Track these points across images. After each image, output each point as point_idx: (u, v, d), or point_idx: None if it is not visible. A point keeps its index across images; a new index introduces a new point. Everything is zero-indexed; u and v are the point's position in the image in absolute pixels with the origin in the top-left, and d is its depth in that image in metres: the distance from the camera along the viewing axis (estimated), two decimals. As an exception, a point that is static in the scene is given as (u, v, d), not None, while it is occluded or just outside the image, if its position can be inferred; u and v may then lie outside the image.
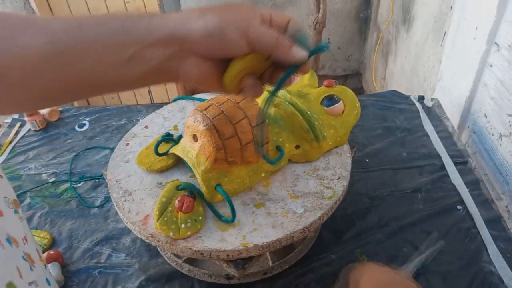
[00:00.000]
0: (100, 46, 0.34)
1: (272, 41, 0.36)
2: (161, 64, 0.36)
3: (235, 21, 0.35)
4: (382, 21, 1.95)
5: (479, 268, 0.60)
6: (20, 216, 0.34)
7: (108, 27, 0.35)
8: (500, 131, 0.81)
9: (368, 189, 0.74)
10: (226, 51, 0.37)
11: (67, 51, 0.34)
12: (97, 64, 0.35)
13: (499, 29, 0.80)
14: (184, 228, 0.50)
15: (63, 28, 0.34)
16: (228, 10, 0.36)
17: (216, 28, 0.35)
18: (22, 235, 0.32)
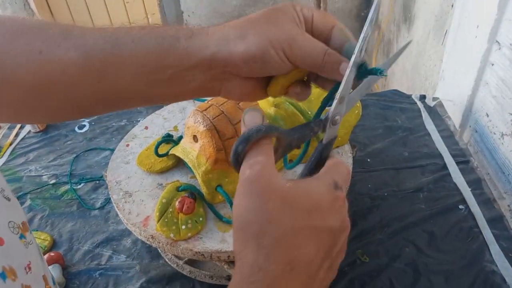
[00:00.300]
0: (138, 66, 0.34)
1: (319, 59, 0.33)
2: (202, 85, 0.35)
3: (278, 41, 0.33)
4: (383, 20, 1.94)
5: (481, 268, 0.60)
6: (27, 241, 0.33)
7: (145, 46, 0.34)
8: (502, 130, 0.81)
9: (369, 189, 0.74)
10: (269, 72, 0.35)
11: (103, 67, 0.33)
12: (133, 82, 0.34)
13: (500, 28, 0.80)
14: (184, 229, 0.50)
15: (99, 43, 0.33)
16: (269, 24, 0.33)
17: (259, 50, 0.33)
18: (26, 263, 0.31)
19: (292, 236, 0.26)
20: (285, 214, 0.26)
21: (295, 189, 0.27)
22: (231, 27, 0.34)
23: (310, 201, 0.27)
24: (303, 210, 0.27)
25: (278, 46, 0.33)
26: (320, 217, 0.27)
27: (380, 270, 0.61)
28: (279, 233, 0.26)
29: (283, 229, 0.26)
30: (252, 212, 0.26)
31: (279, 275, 0.25)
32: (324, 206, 0.28)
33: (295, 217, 0.26)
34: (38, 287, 0.32)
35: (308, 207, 0.27)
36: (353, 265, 0.62)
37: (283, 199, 0.26)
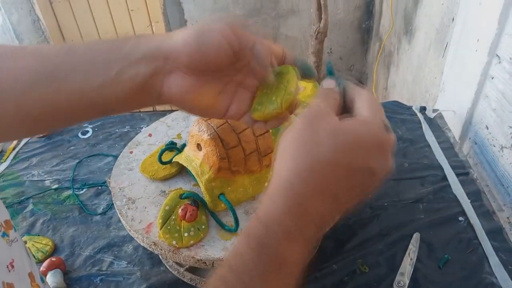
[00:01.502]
0: (88, 64, 0.35)
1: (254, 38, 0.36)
2: (146, 81, 0.35)
3: (216, 27, 0.35)
4: (384, 31, 1.96)
5: (481, 279, 0.60)
6: (10, 239, 0.34)
7: (96, 48, 0.36)
8: (501, 143, 0.82)
9: (370, 199, 0.75)
10: (207, 57, 0.35)
11: (56, 70, 0.34)
12: (85, 82, 0.35)
13: (500, 42, 0.81)
14: (187, 236, 0.51)
15: (53, 51, 0.35)
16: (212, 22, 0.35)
17: (196, 33, 0.34)
18: (8, 262, 0.32)
19: (331, 166, 0.27)
20: (332, 143, 0.27)
21: (349, 125, 0.29)
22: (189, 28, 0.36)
23: (355, 139, 0.28)
24: (344, 147, 0.28)
25: (216, 28, 0.34)
26: (361, 156, 0.28)
27: (380, 280, 0.61)
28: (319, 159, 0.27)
29: (326, 157, 0.27)
30: (302, 134, 0.28)
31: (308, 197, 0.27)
32: (369, 146, 0.28)
33: (341, 150, 0.27)
34: (23, 284, 0.32)
35: (351, 144, 0.28)
36: (353, 274, 0.62)
37: (335, 129, 0.28)
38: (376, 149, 0.29)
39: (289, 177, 0.28)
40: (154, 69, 0.35)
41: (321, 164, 0.27)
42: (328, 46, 2.34)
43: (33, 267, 0.39)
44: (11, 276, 0.32)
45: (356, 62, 2.44)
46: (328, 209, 0.28)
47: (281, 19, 2.30)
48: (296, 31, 2.34)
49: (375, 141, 0.29)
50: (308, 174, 0.27)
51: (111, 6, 2.40)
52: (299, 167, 0.28)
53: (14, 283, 0.32)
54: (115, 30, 2.50)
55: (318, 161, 0.27)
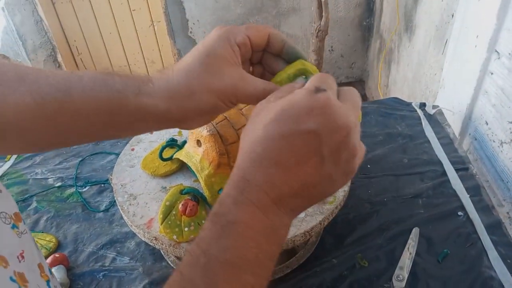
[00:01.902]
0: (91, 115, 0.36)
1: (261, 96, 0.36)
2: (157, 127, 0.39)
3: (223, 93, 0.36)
4: (385, 29, 1.96)
5: (480, 273, 0.60)
6: (19, 231, 0.35)
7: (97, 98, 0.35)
8: (501, 138, 0.82)
9: (369, 195, 0.75)
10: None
11: (57, 114, 0.35)
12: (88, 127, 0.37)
13: (499, 37, 0.82)
14: (187, 231, 0.51)
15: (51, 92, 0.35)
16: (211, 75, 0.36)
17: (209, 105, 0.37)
18: (18, 252, 0.33)
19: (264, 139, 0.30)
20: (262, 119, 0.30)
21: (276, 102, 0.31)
22: (176, 80, 0.36)
23: (282, 109, 0.30)
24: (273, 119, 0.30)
25: (225, 98, 0.36)
26: (291, 121, 0.29)
27: (379, 274, 0.62)
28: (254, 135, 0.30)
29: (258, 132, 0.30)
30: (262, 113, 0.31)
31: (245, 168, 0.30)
32: (300, 111, 0.29)
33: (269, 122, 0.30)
34: (33, 274, 0.33)
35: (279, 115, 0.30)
36: (352, 269, 0.63)
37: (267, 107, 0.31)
38: (307, 111, 0.29)
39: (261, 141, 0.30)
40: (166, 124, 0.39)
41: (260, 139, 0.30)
42: (329, 44, 2.34)
43: (42, 259, 0.40)
44: (22, 266, 0.33)
45: (357, 60, 2.44)
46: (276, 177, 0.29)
47: (282, 17, 2.30)
48: (297, 29, 2.34)
49: (303, 105, 0.29)
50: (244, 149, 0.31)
51: (113, 6, 2.41)
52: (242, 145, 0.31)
53: (25, 273, 0.33)
54: (117, 30, 2.51)
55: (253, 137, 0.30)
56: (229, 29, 0.37)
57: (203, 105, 0.36)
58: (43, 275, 0.34)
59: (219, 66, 0.36)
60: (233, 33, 0.36)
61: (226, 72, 0.36)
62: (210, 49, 0.36)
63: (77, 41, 2.56)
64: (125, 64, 2.66)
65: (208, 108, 0.37)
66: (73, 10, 2.42)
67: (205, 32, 2.39)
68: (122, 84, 0.36)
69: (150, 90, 0.36)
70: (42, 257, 0.39)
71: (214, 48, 0.36)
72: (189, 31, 2.40)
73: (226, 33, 0.36)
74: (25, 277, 0.31)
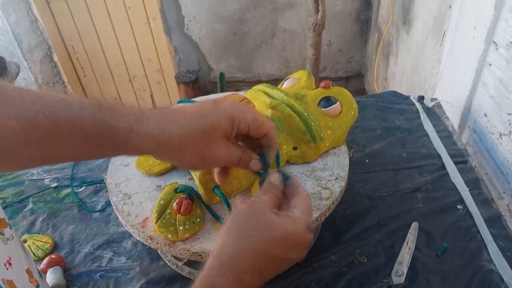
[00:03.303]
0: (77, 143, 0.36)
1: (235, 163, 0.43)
2: None
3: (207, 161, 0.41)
4: (383, 22, 1.95)
5: (479, 267, 0.60)
6: (5, 237, 0.34)
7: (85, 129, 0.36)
8: (500, 130, 0.81)
9: (368, 190, 0.74)
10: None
11: (43, 139, 0.35)
12: (74, 152, 0.37)
13: (497, 28, 0.81)
14: (182, 230, 0.51)
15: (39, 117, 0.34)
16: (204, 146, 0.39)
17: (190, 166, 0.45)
18: (5, 260, 0.32)
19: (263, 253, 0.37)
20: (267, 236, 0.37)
21: (278, 222, 0.38)
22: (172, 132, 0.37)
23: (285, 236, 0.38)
24: (273, 239, 0.37)
25: (206, 164, 0.42)
26: (286, 249, 0.38)
27: (378, 270, 0.61)
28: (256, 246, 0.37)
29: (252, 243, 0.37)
30: (243, 222, 0.38)
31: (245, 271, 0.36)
32: (293, 243, 0.38)
33: (272, 243, 0.37)
34: (21, 281, 0.32)
35: (281, 240, 0.37)
36: (351, 265, 0.62)
37: (272, 224, 0.38)
38: (297, 245, 0.39)
39: (232, 255, 0.36)
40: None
41: (257, 250, 0.37)
42: (327, 38, 2.33)
43: (30, 264, 0.40)
44: (10, 273, 0.32)
45: (356, 54, 2.42)
46: (257, 281, 0.38)
47: (278, 12, 2.29)
48: (294, 24, 2.32)
49: (298, 240, 0.39)
50: (246, 255, 0.36)
51: (108, 4, 2.39)
52: (241, 247, 0.37)
53: (14, 280, 0.32)
54: (113, 28, 2.50)
55: (255, 247, 0.37)
56: (240, 112, 0.40)
57: (186, 162, 0.40)
58: (32, 281, 0.33)
59: (215, 138, 0.40)
60: (240, 118, 0.40)
61: (218, 145, 0.40)
62: (216, 121, 0.39)
63: (73, 40, 2.55)
64: (121, 62, 2.65)
65: (190, 165, 0.43)
66: (68, 9, 2.41)
67: (201, 29, 2.38)
68: (113, 120, 0.36)
69: (142, 131, 0.37)
70: (31, 262, 0.38)
71: (219, 122, 0.39)
72: (185, 28, 2.39)
73: (236, 113, 0.40)
74: (14, 284, 0.31)
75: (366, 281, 0.60)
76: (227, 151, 0.42)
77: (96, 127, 0.36)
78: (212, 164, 0.44)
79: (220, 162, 0.43)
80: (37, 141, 0.35)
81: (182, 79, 2.49)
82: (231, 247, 0.37)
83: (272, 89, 0.65)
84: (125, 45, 2.57)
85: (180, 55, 2.51)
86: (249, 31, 2.38)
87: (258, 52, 2.48)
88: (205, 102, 0.40)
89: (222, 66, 2.55)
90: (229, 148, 0.42)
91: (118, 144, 0.37)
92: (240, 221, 0.38)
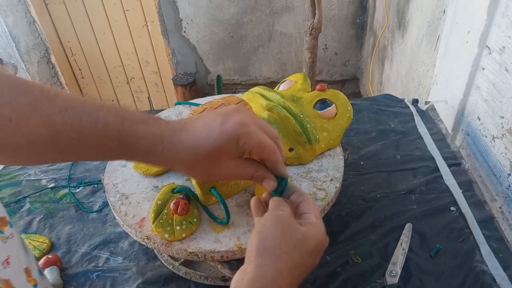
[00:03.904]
0: (100, 153, 0.39)
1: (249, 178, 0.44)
2: None
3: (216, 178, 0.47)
4: (378, 26, 1.97)
5: (472, 268, 0.61)
6: (5, 236, 0.35)
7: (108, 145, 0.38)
8: (493, 133, 0.82)
9: (362, 191, 0.75)
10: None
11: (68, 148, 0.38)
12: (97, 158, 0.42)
13: (490, 33, 0.82)
14: (179, 230, 0.51)
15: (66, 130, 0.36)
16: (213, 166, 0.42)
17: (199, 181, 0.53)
18: (3, 259, 0.32)
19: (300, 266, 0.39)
20: (302, 250, 0.38)
21: (307, 233, 0.40)
22: (182, 156, 0.40)
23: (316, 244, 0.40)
24: (306, 251, 0.39)
25: (216, 178, 0.48)
26: (313, 258, 0.40)
27: (372, 270, 0.62)
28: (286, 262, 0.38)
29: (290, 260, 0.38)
30: (277, 240, 0.38)
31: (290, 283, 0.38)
32: (320, 249, 0.41)
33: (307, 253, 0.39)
34: (19, 280, 0.33)
35: (313, 249, 0.39)
36: (345, 265, 0.63)
37: (303, 236, 0.39)
38: (322, 249, 0.41)
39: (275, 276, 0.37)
40: None
41: (296, 267, 0.38)
42: (323, 42, 2.34)
43: (30, 263, 0.40)
44: (7, 272, 0.33)
45: (351, 57, 2.44)
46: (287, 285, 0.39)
47: (275, 16, 2.30)
48: (291, 28, 2.34)
49: (323, 244, 0.41)
50: (287, 274, 0.37)
51: (106, 7, 2.40)
52: (281, 267, 0.37)
53: (10, 279, 0.33)
54: (111, 30, 2.50)
55: (294, 264, 0.38)
56: (246, 134, 0.40)
57: (197, 177, 0.48)
58: (30, 280, 0.34)
59: (221, 160, 0.41)
60: (245, 139, 0.40)
61: (226, 165, 0.42)
62: (221, 146, 0.40)
63: (70, 42, 2.55)
64: (119, 64, 2.65)
65: (201, 179, 0.51)
66: (66, 11, 2.41)
67: (198, 32, 2.39)
68: (134, 140, 0.39)
69: (158, 153, 0.40)
70: (30, 261, 0.38)
71: (223, 147, 0.40)
72: (183, 31, 2.40)
73: (242, 135, 0.40)
74: (10, 283, 0.31)
75: (361, 281, 0.60)
76: (237, 169, 0.43)
77: (119, 145, 0.38)
78: (225, 178, 0.48)
79: (233, 177, 0.45)
80: (63, 149, 0.37)
81: (180, 82, 2.49)
82: (271, 268, 0.37)
83: (269, 92, 0.66)
84: (123, 47, 2.58)
85: (177, 57, 2.52)
86: (246, 35, 2.39)
87: (255, 55, 2.49)
88: (215, 118, 0.41)
89: (219, 68, 2.56)
90: (239, 166, 0.43)
91: (138, 157, 0.41)
92: (274, 239, 0.38)
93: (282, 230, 0.39)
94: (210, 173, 0.43)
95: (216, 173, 0.43)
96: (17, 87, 0.35)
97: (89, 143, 0.38)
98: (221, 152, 0.40)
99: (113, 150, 0.39)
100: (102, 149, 0.38)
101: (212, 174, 0.43)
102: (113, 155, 0.40)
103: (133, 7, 2.40)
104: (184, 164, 0.41)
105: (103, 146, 0.38)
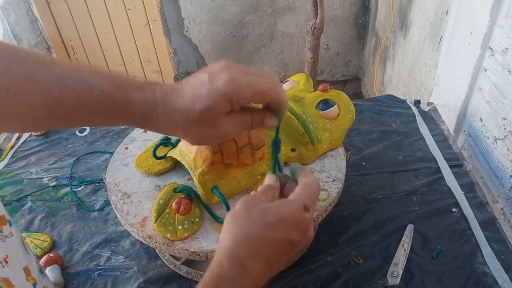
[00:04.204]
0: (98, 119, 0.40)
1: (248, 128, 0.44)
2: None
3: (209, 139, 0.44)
4: (380, 27, 1.97)
5: (474, 269, 0.61)
6: (3, 235, 0.35)
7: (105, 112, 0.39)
8: (495, 135, 0.82)
9: (364, 192, 0.75)
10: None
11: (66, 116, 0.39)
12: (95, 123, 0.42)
13: (492, 34, 0.82)
14: (181, 229, 0.51)
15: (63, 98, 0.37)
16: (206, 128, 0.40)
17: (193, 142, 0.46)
18: (2, 257, 0.32)
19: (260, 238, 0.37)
20: (260, 222, 0.38)
21: (273, 207, 0.39)
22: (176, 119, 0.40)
23: (277, 218, 0.38)
24: (269, 224, 0.37)
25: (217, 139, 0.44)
26: (282, 231, 0.38)
27: (374, 271, 0.62)
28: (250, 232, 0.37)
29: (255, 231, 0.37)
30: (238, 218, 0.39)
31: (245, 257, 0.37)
32: (288, 224, 0.38)
33: (267, 226, 0.37)
34: (18, 278, 0.33)
35: (274, 223, 0.38)
36: (347, 266, 0.63)
37: (262, 210, 0.38)
38: (294, 226, 0.38)
39: (230, 245, 0.37)
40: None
41: (252, 236, 0.37)
42: (325, 42, 2.34)
43: (30, 261, 0.40)
44: (6, 272, 0.33)
45: (353, 58, 2.44)
46: (263, 269, 0.38)
47: (277, 15, 2.30)
48: (292, 28, 2.34)
49: (293, 219, 0.38)
50: (243, 242, 0.37)
51: (108, 5, 2.40)
52: (236, 237, 0.38)
53: (10, 278, 0.33)
54: (113, 29, 2.50)
55: (250, 233, 0.37)
56: (237, 89, 0.38)
57: (196, 141, 0.44)
58: (29, 279, 0.34)
59: (214, 119, 0.40)
60: (238, 95, 0.39)
61: (222, 122, 0.40)
62: (211, 105, 0.39)
63: (72, 40, 2.55)
64: (121, 63, 2.65)
65: (201, 143, 0.48)
66: (68, 9, 2.41)
67: (200, 31, 2.39)
68: (129, 107, 0.39)
69: (153, 118, 0.40)
70: (30, 259, 0.38)
71: (214, 106, 0.39)
72: (184, 30, 2.40)
73: (233, 92, 0.38)
74: (10, 281, 0.31)
75: (362, 282, 0.60)
76: (235, 122, 0.41)
77: (115, 112, 0.39)
78: (224, 138, 0.44)
79: (232, 134, 0.43)
80: (60, 116, 0.38)
81: (181, 81, 2.49)
82: (228, 240, 0.38)
83: (271, 92, 0.66)
84: (125, 46, 2.58)
85: (179, 56, 2.52)
86: (248, 34, 2.39)
87: (257, 55, 2.49)
88: (202, 78, 0.39)
89: (221, 68, 2.55)
90: (235, 118, 0.41)
91: (135, 123, 0.41)
92: (234, 217, 0.39)
93: (244, 209, 0.39)
94: (207, 135, 0.41)
95: (213, 134, 0.41)
96: (12, 56, 0.36)
97: (86, 110, 0.38)
98: (213, 113, 0.39)
99: (109, 116, 0.39)
100: (99, 115, 0.39)
101: (210, 135, 0.42)
102: (111, 121, 0.40)
103: (135, 6, 2.40)
104: (179, 128, 0.41)
105: (99, 113, 0.39)
